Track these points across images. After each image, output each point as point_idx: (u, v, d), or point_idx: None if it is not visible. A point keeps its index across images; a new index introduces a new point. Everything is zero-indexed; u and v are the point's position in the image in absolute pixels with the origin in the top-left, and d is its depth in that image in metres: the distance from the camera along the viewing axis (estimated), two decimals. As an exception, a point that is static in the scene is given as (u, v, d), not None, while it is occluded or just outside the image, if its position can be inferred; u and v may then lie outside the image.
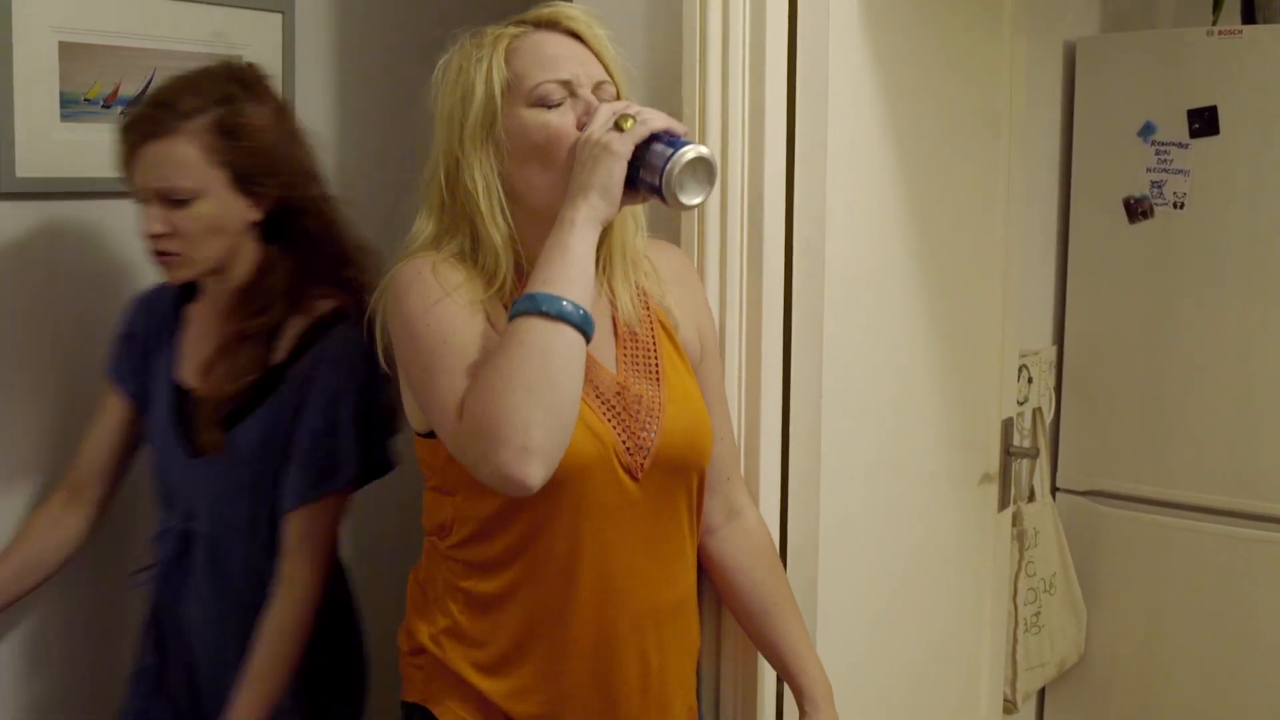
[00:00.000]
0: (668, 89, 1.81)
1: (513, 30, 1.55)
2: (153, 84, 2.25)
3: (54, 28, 2.12)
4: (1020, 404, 2.87)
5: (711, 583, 1.79)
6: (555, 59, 1.53)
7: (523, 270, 1.55)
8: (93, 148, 2.19)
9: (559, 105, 1.51)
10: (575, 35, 1.56)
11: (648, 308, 1.65)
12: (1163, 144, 2.95)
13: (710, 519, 1.73)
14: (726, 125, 1.81)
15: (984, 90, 2.39)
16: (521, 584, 1.55)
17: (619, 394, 1.56)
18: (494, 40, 1.54)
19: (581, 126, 1.51)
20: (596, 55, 1.56)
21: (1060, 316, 3.17)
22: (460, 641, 1.59)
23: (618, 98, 1.57)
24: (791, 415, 1.90)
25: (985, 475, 2.49)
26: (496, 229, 1.52)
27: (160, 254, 1.88)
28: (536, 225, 1.53)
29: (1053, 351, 3.14)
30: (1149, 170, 2.97)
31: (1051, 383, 3.12)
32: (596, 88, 1.54)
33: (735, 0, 1.80)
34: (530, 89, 1.51)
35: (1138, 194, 2.99)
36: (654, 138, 1.46)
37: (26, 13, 2.08)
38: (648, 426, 1.55)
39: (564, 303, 1.40)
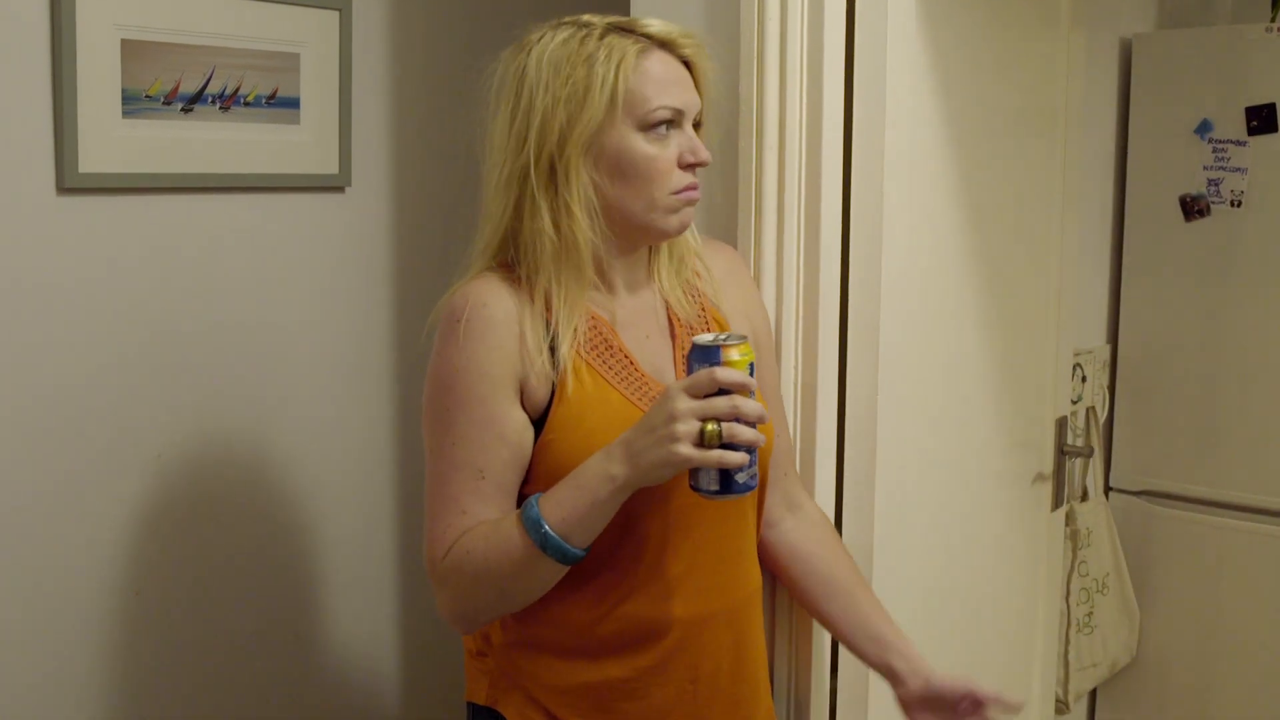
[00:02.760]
0: (726, 90, 1.81)
1: (634, 44, 1.51)
2: (212, 80, 2.27)
3: (117, 25, 2.15)
4: (1074, 403, 2.85)
5: (781, 575, 1.78)
6: (672, 86, 1.52)
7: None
8: (153, 144, 2.22)
9: (666, 134, 1.51)
10: (686, 62, 1.55)
11: (702, 307, 1.66)
12: (1220, 141, 2.92)
13: (771, 513, 1.73)
14: (784, 126, 1.81)
15: (1040, 88, 2.37)
16: (611, 588, 1.55)
17: None
18: (619, 49, 1.50)
19: (682, 162, 1.52)
20: (697, 85, 1.56)
21: (1115, 315, 3.14)
22: (531, 647, 1.59)
23: (700, 128, 1.57)
24: (847, 415, 1.90)
25: (1039, 474, 2.48)
26: (586, 239, 1.51)
27: None
28: (610, 235, 1.54)
29: (1107, 350, 3.11)
30: (1206, 168, 2.94)
31: (1105, 382, 3.10)
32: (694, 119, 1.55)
33: (793, 1, 1.80)
34: (646, 112, 1.50)
35: (1194, 192, 2.97)
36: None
37: (90, 11, 2.10)
38: None
39: (570, 550, 1.43)
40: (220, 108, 2.31)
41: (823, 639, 1.90)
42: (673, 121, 1.52)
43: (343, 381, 2.61)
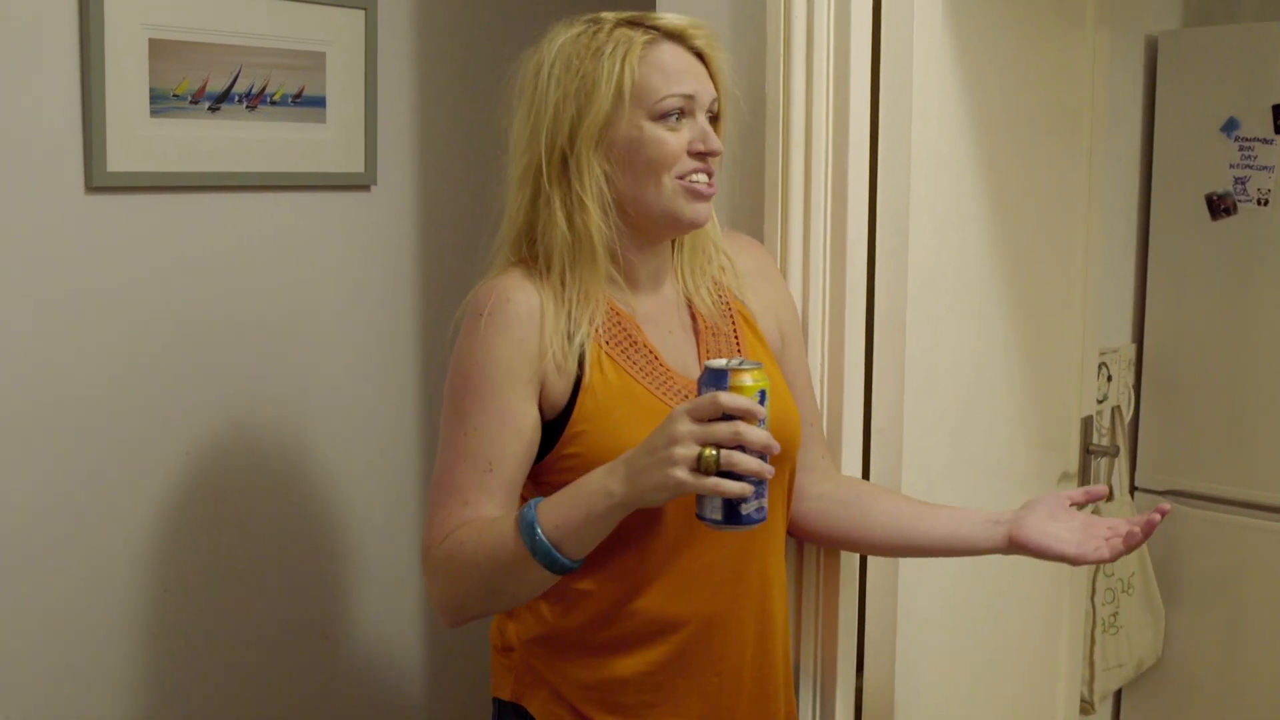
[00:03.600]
0: (752, 87, 1.81)
1: (642, 36, 1.52)
2: (239, 79, 2.29)
3: (145, 25, 2.16)
4: (1099, 402, 2.84)
5: (834, 533, 1.75)
6: (681, 75, 1.52)
7: (609, 273, 1.56)
8: (180, 143, 2.24)
9: (675, 121, 1.52)
10: (699, 54, 1.55)
11: (727, 304, 1.66)
12: (1246, 140, 2.91)
13: (807, 489, 1.73)
14: (810, 122, 1.81)
15: (1065, 86, 2.37)
16: (631, 582, 1.55)
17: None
18: (625, 41, 1.51)
19: (692, 149, 1.52)
20: (712, 77, 1.56)
21: (1140, 314, 3.13)
22: (554, 642, 1.59)
23: (718, 121, 1.58)
24: (873, 412, 1.90)
25: (1064, 473, 2.47)
26: (599, 232, 1.52)
27: None
28: (626, 230, 1.55)
29: (1132, 349, 3.10)
30: (1232, 166, 2.93)
31: (1131, 381, 3.09)
32: (710, 110, 1.55)
33: (820, -2, 1.80)
34: (656, 101, 1.50)
35: (1220, 190, 2.95)
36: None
37: (118, 11, 2.12)
38: None
39: (559, 559, 1.42)
40: (247, 107, 2.32)
41: (849, 635, 1.90)
42: (684, 111, 1.52)
43: (369, 378, 2.61)
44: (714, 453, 1.32)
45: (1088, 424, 2.53)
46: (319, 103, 2.43)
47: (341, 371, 2.56)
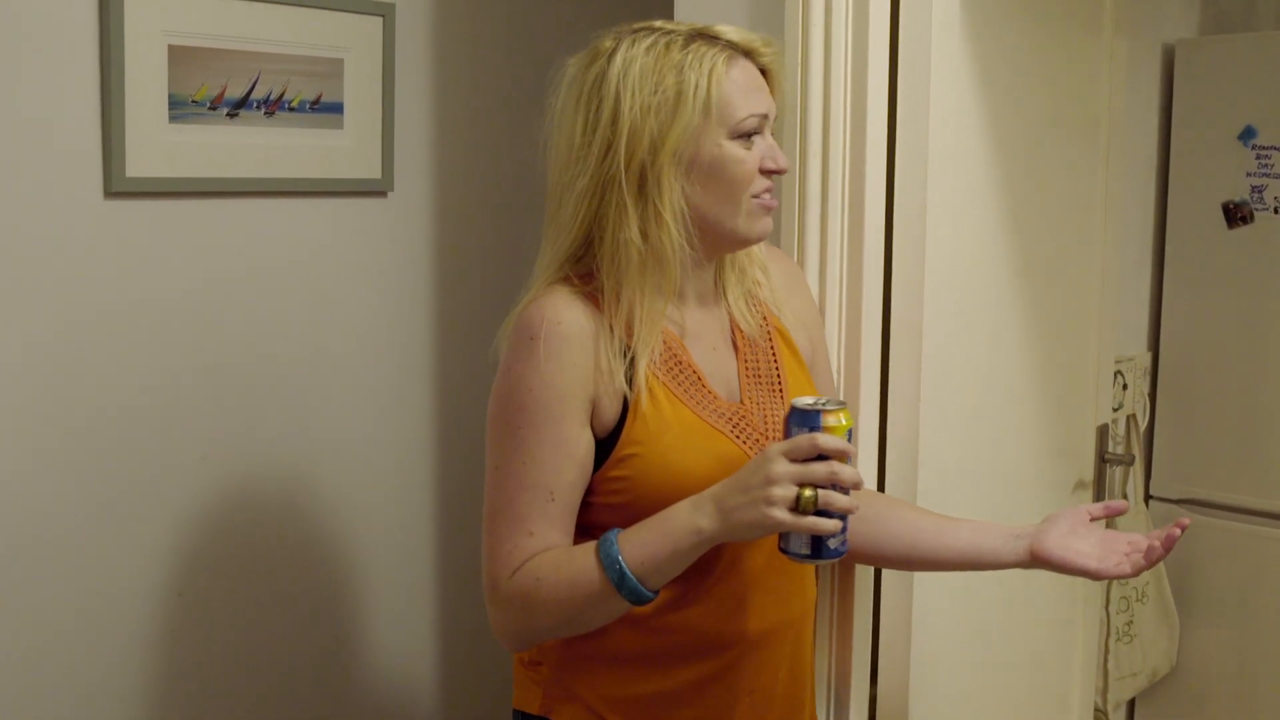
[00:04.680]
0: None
1: (721, 52, 1.50)
2: (258, 86, 2.29)
3: (164, 31, 2.17)
4: (1115, 410, 2.84)
5: (854, 549, 1.71)
6: (756, 93, 1.51)
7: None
8: (199, 149, 2.25)
9: (751, 141, 1.51)
10: (764, 71, 1.55)
11: (764, 318, 1.65)
12: (1264, 148, 2.90)
13: None
14: (828, 127, 1.82)
15: (1082, 93, 2.37)
16: (679, 599, 1.55)
17: (741, 415, 1.56)
18: (708, 55, 1.48)
19: (764, 167, 1.51)
20: (772, 93, 1.55)
21: (1156, 322, 3.12)
22: (592, 656, 1.58)
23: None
24: (889, 419, 1.90)
25: (1080, 482, 2.47)
26: (674, 247, 1.49)
27: None
28: (693, 246, 1.52)
29: (1148, 357, 3.09)
30: (1249, 175, 2.92)
31: (1146, 389, 3.08)
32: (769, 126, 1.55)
33: (837, 2, 1.80)
34: (738, 120, 1.49)
35: (1237, 199, 2.95)
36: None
37: (138, 17, 2.13)
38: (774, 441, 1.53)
39: (644, 593, 1.43)
40: (265, 113, 2.33)
41: (864, 646, 1.90)
42: (758, 129, 1.52)
43: (384, 385, 2.62)
44: (812, 493, 1.36)
45: (1103, 432, 2.53)
46: (337, 109, 2.44)
47: (356, 377, 2.56)
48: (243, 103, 2.30)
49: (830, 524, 1.37)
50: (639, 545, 1.42)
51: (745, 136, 1.50)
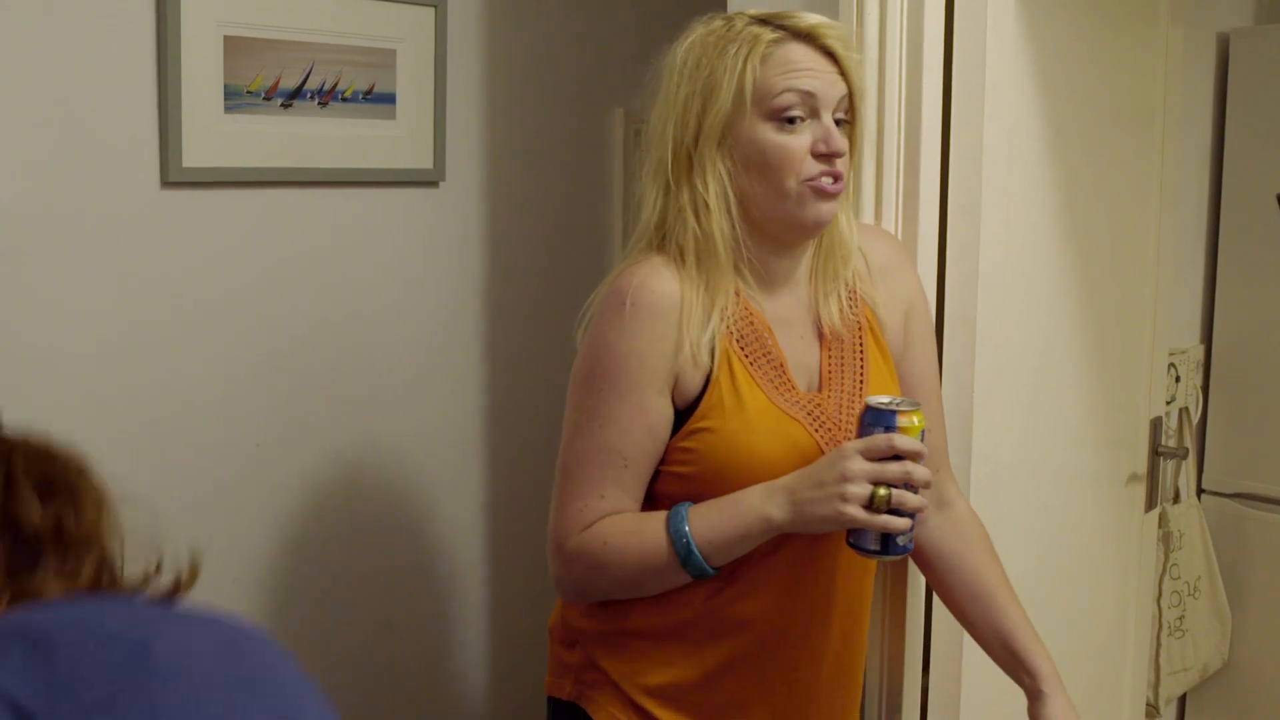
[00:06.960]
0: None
1: (770, 34, 1.49)
2: (311, 76, 2.31)
3: (219, 23, 2.19)
4: (1168, 403, 2.81)
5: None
6: (802, 72, 1.48)
7: (740, 272, 1.55)
8: (254, 139, 2.26)
9: (797, 123, 1.49)
10: (830, 54, 1.51)
11: (856, 311, 1.63)
12: (1319, 138, 2.87)
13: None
14: (882, 120, 1.81)
15: (1137, 83, 2.35)
16: (724, 583, 1.55)
17: (818, 404, 1.56)
18: (751, 39, 1.49)
19: (815, 150, 1.49)
20: (845, 76, 1.52)
21: (1209, 314, 3.09)
22: (629, 635, 1.59)
23: (852, 124, 1.55)
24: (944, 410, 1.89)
25: (1133, 475, 2.45)
26: (721, 232, 1.51)
27: None
28: (753, 230, 1.53)
29: (1200, 350, 3.07)
30: (1305, 165, 2.89)
31: (1199, 382, 3.05)
32: (839, 110, 1.52)
33: (892, -3, 1.80)
34: (772, 99, 1.48)
35: (1293, 190, 2.92)
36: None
37: (194, 9, 2.15)
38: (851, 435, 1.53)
39: (708, 570, 1.48)
40: (319, 103, 2.34)
41: (916, 637, 1.90)
42: (806, 111, 1.49)
43: (436, 374, 2.63)
44: (886, 492, 1.40)
45: (1157, 425, 2.51)
46: (389, 99, 2.45)
47: (408, 366, 2.58)
48: (297, 93, 2.31)
49: (902, 522, 1.41)
50: (708, 524, 1.45)
51: (785, 119, 1.49)
